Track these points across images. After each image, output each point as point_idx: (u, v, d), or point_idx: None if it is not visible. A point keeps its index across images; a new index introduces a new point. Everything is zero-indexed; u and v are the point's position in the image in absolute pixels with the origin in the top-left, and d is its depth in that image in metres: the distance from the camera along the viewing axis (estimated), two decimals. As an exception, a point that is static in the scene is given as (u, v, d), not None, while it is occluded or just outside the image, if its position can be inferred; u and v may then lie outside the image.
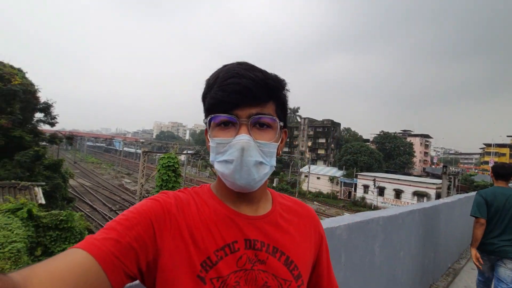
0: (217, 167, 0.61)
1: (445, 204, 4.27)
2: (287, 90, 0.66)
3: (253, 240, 0.61)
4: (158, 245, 0.55)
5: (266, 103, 0.61)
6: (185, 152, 42.94)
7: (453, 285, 4.06)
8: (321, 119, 58.90)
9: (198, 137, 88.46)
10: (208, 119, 0.61)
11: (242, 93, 0.57)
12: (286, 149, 61.72)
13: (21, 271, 0.41)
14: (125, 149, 70.10)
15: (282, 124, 0.64)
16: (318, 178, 42.72)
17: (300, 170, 44.46)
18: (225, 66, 0.63)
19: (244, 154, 0.57)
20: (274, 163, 0.64)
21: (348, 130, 65.37)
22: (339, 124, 60.15)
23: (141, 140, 76.03)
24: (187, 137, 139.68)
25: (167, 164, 10.22)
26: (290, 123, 65.57)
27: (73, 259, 0.45)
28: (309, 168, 38.56)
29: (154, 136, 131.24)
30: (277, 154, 0.65)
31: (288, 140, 67.32)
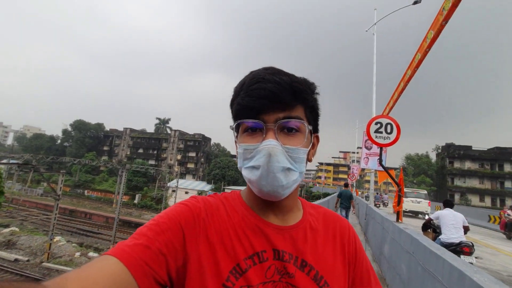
0: (245, 173, 0.60)
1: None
2: (317, 93, 0.64)
3: (282, 251, 0.59)
4: (187, 251, 0.54)
5: (294, 107, 0.59)
6: (5, 161, 31.13)
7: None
8: (193, 133, 59.01)
9: (28, 143, 66.38)
10: (235, 125, 0.61)
11: (268, 97, 0.56)
12: (152, 162, 57.21)
13: (55, 279, 0.41)
14: None
15: (311, 128, 0.63)
16: (187, 192, 41.66)
17: (168, 184, 42.10)
18: (251, 72, 0.62)
19: (271, 159, 0.55)
20: (304, 170, 0.61)
21: (217, 145, 68.31)
22: (209, 139, 62.12)
23: None
24: (9, 141, 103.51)
25: (-23, 178, 6.89)
26: (159, 134, 61.78)
27: (105, 266, 0.46)
28: (177, 182, 37.11)
29: None
30: (308, 160, 0.64)
31: (156, 152, 62.81)
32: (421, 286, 3.03)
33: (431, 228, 5.75)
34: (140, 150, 61.39)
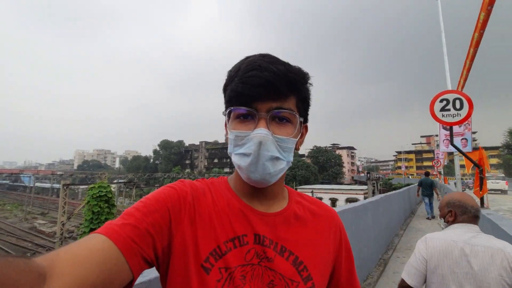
0: (234, 159, 0.61)
1: (371, 203, 4.93)
2: (310, 84, 0.65)
3: (262, 236, 0.61)
4: (173, 232, 0.56)
5: (287, 97, 0.60)
6: (115, 181, 38.67)
7: (385, 274, 4.63)
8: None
9: (130, 165, 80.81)
10: (228, 111, 0.62)
11: (263, 86, 0.56)
12: (227, 170, 61.49)
13: (46, 255, 0.42)
14: (38, 184, 59.15)
15: (302, 119, 0.65)
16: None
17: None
18: (247, 58, 0.62)
19: (262, 148, 0.56)
20: (291, 159, 0.64)
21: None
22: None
23: (58, 172, 65.33)
24: (116, 165, 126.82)
25: (98, 195, 8.96)
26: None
27: (94, 243, 0.47)
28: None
29: (75, 167, 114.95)
30: (296, 149, 0.66)
31: (229, 160, 66.93)
32: None
33: None
34: (215, 160, 66.93)
